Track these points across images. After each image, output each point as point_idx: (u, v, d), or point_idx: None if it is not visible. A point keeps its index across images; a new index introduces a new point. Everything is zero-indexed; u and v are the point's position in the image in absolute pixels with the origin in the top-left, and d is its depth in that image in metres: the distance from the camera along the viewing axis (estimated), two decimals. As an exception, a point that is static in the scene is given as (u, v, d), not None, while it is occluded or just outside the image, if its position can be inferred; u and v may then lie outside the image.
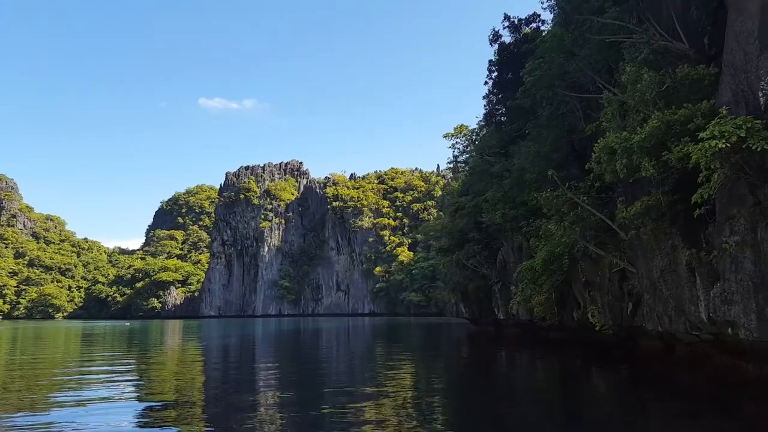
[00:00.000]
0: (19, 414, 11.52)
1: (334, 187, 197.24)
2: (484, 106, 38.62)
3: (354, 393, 14.19)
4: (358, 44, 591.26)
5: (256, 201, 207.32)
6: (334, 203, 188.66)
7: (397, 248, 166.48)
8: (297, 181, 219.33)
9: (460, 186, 52.30)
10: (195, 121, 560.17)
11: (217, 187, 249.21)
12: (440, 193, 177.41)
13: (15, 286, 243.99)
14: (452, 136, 51.42)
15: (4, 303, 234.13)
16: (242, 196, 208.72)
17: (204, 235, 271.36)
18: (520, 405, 13.45)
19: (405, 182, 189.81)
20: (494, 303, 39.18)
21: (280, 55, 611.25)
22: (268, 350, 31.88)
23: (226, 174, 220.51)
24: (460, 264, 40.56)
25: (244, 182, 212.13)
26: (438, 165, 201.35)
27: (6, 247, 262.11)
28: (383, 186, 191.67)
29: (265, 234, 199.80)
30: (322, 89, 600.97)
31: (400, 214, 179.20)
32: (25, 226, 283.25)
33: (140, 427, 10.36)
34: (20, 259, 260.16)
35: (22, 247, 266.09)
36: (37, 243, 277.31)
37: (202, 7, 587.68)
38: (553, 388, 16.39)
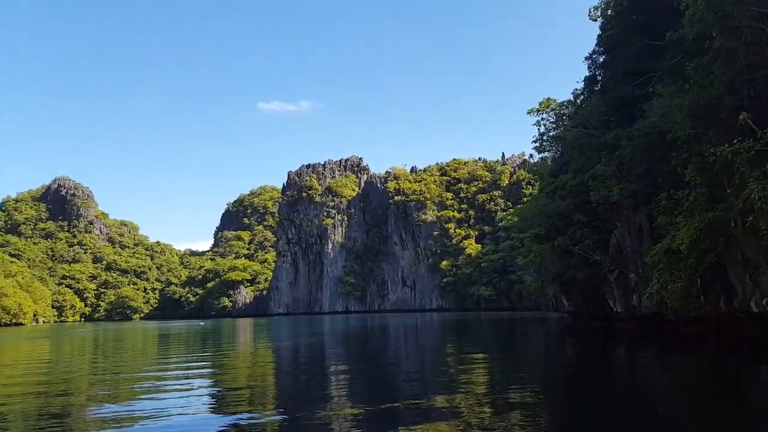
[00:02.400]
0: (105, 411, 11.77)
1: (395, 181, 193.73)
2: (588, 67, 33.43)
3: (429, 407, 11.59)
4: (411, 37, 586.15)
5: (318, 198, 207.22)
6: (396, 197, 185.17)
7: (464, 241, 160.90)
8: (357, 177, 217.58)
9: (552, 166, 46.99)
10: (255, 125, 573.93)
11: (279, 187, 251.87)
12: (507, 182, 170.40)
13: (95, 290, 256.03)
14: (537, 111, 46.22)
15: (86, 306, 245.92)
16: (304, 194, 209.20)
17: (269, 234, 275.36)
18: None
19: (468, 173, 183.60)
20: (608, 294, 33.96)
21: (332, 54, 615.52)
22: (336, 349, 30.14)
23: (288, 173, 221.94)
24: (562, 251, 35.64)
25: (306, 180, 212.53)
26: (503, 153, 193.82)
27: (85, 253, 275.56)
28: (446, 178, 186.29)
29: (329, 231, 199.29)
30: (376, 85, 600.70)
31: (465, 205, 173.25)
32: (101, 231, 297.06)
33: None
34: (98, 264, 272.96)
35: (99, 252, 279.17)
36: (113, 248, 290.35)
37: (254, 13, 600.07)
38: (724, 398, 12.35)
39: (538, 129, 46.45)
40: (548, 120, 46.03)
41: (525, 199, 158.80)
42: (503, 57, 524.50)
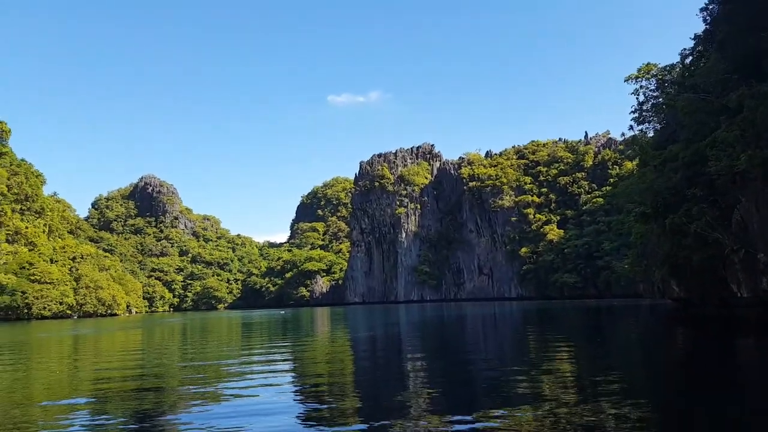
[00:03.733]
0: (190, 400, 12.12)
1: (469, 167, 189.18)
2: (704, 19, 29.33)
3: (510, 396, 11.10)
4: (479, 17, 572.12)
5: (390, 188, 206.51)
6: (471, 183, 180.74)
7: (545, 226, 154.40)
8: (430, 164, 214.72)
9: (655, 138, 42.54)
10: (326, 118, 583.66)
11: (352, 178, 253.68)
12: (590, 163, 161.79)
13: (182, 281, 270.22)
14: (636, 78, 41.86)
15: (174, 296, 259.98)
16: (376, 183, 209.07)
17: (342, 225, 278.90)
18: None
19: (548, 155, 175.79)
20: (730, 277, 29.96)
21: (399, 44, 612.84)
22: (413, 339, 28.96)
23: (360, 163, 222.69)
24: (674, 230, 31.75)
25: (378, 170, 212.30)
26: (586, 132, 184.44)
27: (172, 246, 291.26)
28: (523, 161, 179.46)
29: (402, 220, 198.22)
30: (445, 71, 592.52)
31: (545, 189, 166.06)
32: (186, 226, 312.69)
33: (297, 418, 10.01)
34: (184, 257, 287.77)
35: (184, 246, 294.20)
36: (197, 241, 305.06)
37: (320, 6, 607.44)
38: None
39: (637, 98, 42.22)
40: (648, 87, 41.69)
41: (611, 180, 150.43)
42: (582, 35, 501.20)
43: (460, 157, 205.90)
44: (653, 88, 41.40)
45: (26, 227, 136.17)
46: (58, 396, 13.16)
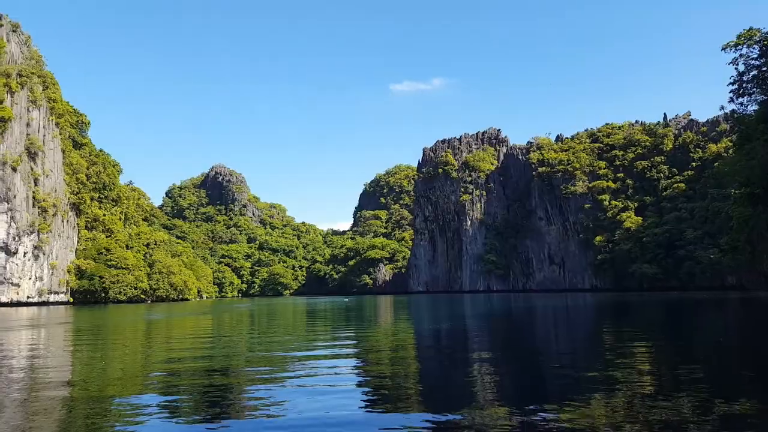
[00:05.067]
0: (258, 384, 12.42)
1: (538, 151, 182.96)
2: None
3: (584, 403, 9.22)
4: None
5: (454, 174, 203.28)
6: (540, 169, 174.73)
7: (621, 213, 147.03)
8: (496, 149, 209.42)
9: (760, 111, 38.36)
10: (388, 106, 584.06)
11: (414, 165, 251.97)
12: (670, 146, 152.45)
13: (250, 267, 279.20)
14: (736, 46, 37.81)
15: (242, 282, 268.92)
16: (440, 170, 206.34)
17: (405, 213, 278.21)
18: None
19: (624, 138, 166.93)
20: None
21: (461, 30, 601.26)
22: (479, 330, 27.72)
23: (423, 150, 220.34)
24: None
25: (442, 156, 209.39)
26: (664, 114, 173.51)
27: (240, 234, 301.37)
28: (597, 145, 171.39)
29: (467, 207, 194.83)
30: (510, 56, 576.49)
31: (621, 174, 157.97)
32: (253, 214, 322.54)
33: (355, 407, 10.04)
34: (252, 244, 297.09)
35: (252, 233, 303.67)
36: (264, 228, 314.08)
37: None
38: None
39: (736, 68, 38.17)
40: (750, 56, 37.58)
41: (694, 164, 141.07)
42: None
43: (528, 142, 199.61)
44: (756, 55, 37.25)
45: (104, 215, 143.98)
46: (129, 384, 13.31)
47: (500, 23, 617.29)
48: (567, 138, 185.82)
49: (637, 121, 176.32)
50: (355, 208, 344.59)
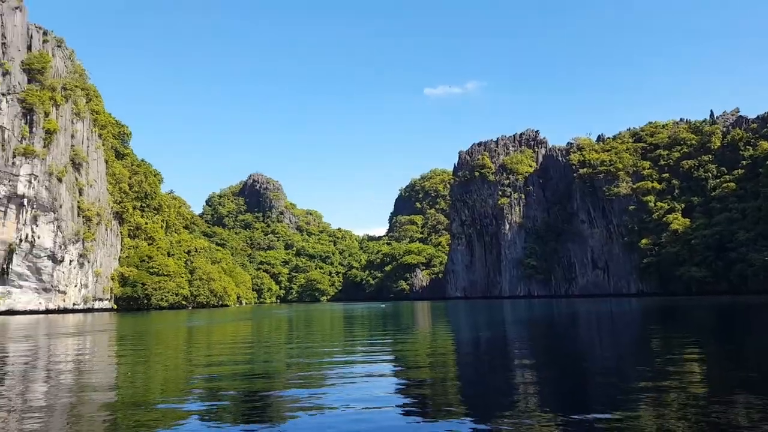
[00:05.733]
0: (296, 388, 12.69)
1: (578, 152, 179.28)
2: None
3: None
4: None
5: (491, 177, 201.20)
6: (581, 170, 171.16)
7: (667, 215, 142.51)
8: (534, 151, 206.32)
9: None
10: (423, 111, 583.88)
11: (450, 169, 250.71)
12: (718, 144, 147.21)
13: (287, 274, 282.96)
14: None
15: (280, 288, 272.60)
16: (477, 173, 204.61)
17: (441, 217, 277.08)
18: None
19: (669, 137, 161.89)
20: None
21: (493, 32, 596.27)
22: (520, 337, 27.14)
23: (459, 153, 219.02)
24: None
25: (478, 159, 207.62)
26: (711, 111, 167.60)
27: (278, 240, 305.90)
28: (640, 144, 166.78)
29: (505, 211, 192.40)
30: (545, 56, 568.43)
31: (667, 174, 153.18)
32: (290, 220, 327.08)
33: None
34: (289, 250, 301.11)
35: (289, 239, 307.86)
36: (301, 235, 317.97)
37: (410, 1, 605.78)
38: None
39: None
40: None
41: (744, 162, 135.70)
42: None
43: (568, 143, 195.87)
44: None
45: (146, 223, 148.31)
46: (171, 389, 13.61)
47: (533, 23, 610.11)
48: (609, 138, 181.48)
49: (682, 119, 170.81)
50: (391, 213, 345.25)
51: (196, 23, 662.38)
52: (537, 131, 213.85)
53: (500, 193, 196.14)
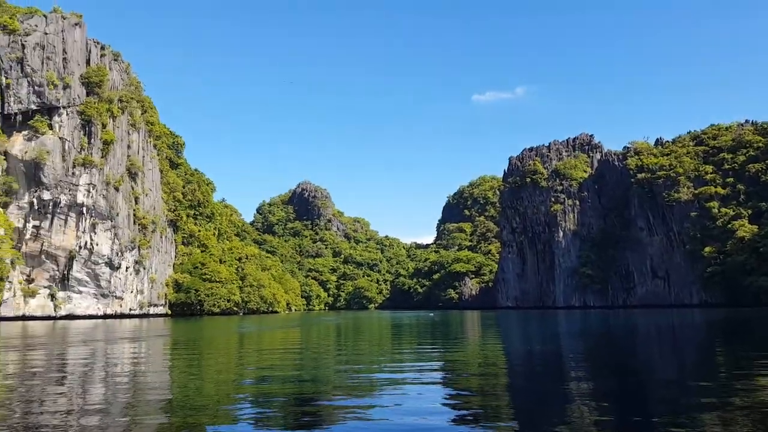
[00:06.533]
0: (345, 395, 12.83)
1: (636, 157, 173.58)
2: None
3: None
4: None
5: (543, 183, 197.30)
6: (639, 176, 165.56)
7: (733, 222, 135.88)
8: (589, 156, 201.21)
9: None
10: (471, 117, 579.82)
11: (499, 176, 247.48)
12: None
13: (335, 281, 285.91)
14: None
15: (329, 296, 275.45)
16: (528, 179, 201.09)
17: (491, 225, 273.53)
18: None
19: (733, 140, 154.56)
20: None
21: (542, 36, 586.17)
22: (574, 351, 25.82)
23: (509, 159, 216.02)
24: None
25: (529, 165, 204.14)
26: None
27: (326, 248, 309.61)
28: (702, 148, 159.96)
29: (558, 218, 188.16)
30: (596, 58, 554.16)
31: (731, 179, 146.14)
32: (338, 228, 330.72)
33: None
34: (337, 258, 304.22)
35: (337, 247, 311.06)
36: (349, 242, 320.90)
37: (457, 8, 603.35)
38: None
39: None
40: None
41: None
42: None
43: (624, 147, 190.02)
44: None
45: (199, 230, 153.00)
46: (223, 393, 13.89)
47: (583, 25, 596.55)
48: (668, 141, 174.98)
49: (747, 121, 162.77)
50: (439, 221, 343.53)
51: (246, 34, 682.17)
52: (591, 135, 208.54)
53: (553, 199, 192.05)
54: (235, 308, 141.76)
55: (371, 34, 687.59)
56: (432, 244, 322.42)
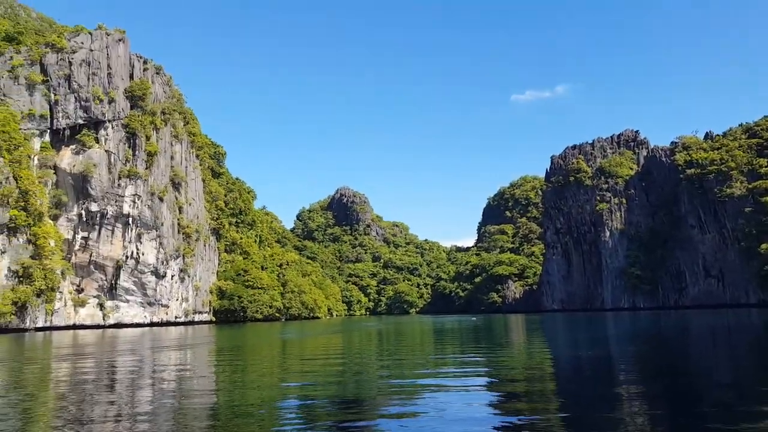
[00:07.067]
0: (388, 402, 12.91)
1: (684, 152, 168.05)
2: None
3: None
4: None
5: (588, 182, 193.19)
6: (689, 171, 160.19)
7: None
8: (634, 153, 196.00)
9: None
10: (510, 117, 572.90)
11: (541, 176, 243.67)
12: None
13: (376, 286, 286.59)
14: None
15: (369, 300, 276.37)
16: (571, 178, 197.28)
17: (534, 226, 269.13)
18: None
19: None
20: None
21: (582, 33, 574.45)
22: (624, 355, 24.72)
23: (551, 158, 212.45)
24: None
25: (572, 163, 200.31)
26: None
27: (365, 253, 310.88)
28: (756, 140, 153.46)
29: (604, 217, 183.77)
30: (639, 53, 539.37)
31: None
32: (377, 233, 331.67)
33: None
34: (377, 262, 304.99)
35: (377, 252, 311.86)
36: (388, 247, 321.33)
37: (492, 9, 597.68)
38: None
39: None
40: None
41: None
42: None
43: (672, 143, 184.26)
44: None
45: (241, 238, 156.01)
46: (267, 398, 14.07)
47: (622, 19, 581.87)
48: (718, 135, 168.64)
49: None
50: (479, 223, 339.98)
51: (280, 44, 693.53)
52: (636, 131, 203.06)
53: (598, 198, 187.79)
54: (277, 314, 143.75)
55: (407, 37, 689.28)
56: (473, 246, 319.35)
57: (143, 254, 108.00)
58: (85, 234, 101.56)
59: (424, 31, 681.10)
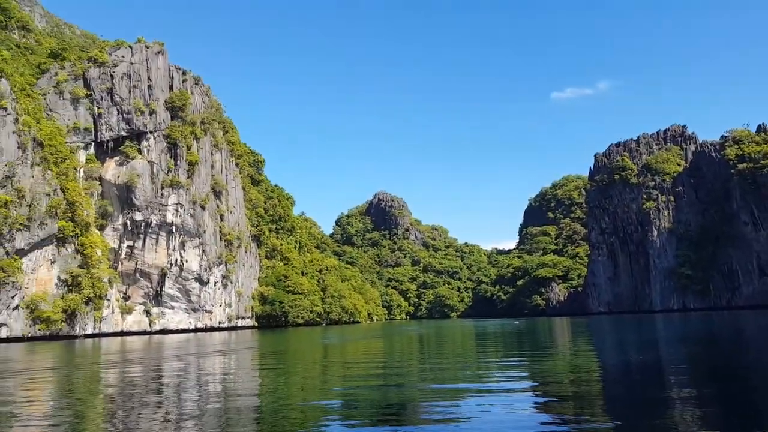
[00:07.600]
0: (430, 405, 12.92)
1: (736, 146, 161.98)
2: None
3: None
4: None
5: (633, 180, 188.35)
6: (740, 166, 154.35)
7: None
8: (682, 148, 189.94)
9: None
10: (551, 116, 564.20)
11: (584, 175, 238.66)
12: None
13: (415, 290, 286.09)
14: None
15: (409, 305, 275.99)
16: (617, 176, 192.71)
17: (577, 227, 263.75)
18: None
19: None
20: None
21: (621, 28, 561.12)
22: (675, 358, 23.86)
23: (595, 156, 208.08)
24: None
25: (617, 161, 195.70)
26: None
27: (405, 257, 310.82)
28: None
29: (651, 216, 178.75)
30: (679, 46, 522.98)
31: None
32: (416, 237, 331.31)
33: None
34: (416, 266, 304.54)
35: (416, 256, 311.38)
36: (427, 251, 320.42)
37: (529, 7, 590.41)
38: None
39: None
40: None
41: None
42: None
43: (722, 137, 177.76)
44: None
45: (281, 244, 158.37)
46: (309, 401, 14.34)
47: (664, 11, 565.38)
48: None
49: None
50: (520, 225, 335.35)
51: (315, 52, 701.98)
52: (684, 126, 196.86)
53: (645, 196, 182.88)
54: (317, 319, 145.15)
55: (446, 36, 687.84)
56: (514, 249, 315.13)
57: (187, 261, 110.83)
58: (131, 243, 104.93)
59: (463, 29, 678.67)
